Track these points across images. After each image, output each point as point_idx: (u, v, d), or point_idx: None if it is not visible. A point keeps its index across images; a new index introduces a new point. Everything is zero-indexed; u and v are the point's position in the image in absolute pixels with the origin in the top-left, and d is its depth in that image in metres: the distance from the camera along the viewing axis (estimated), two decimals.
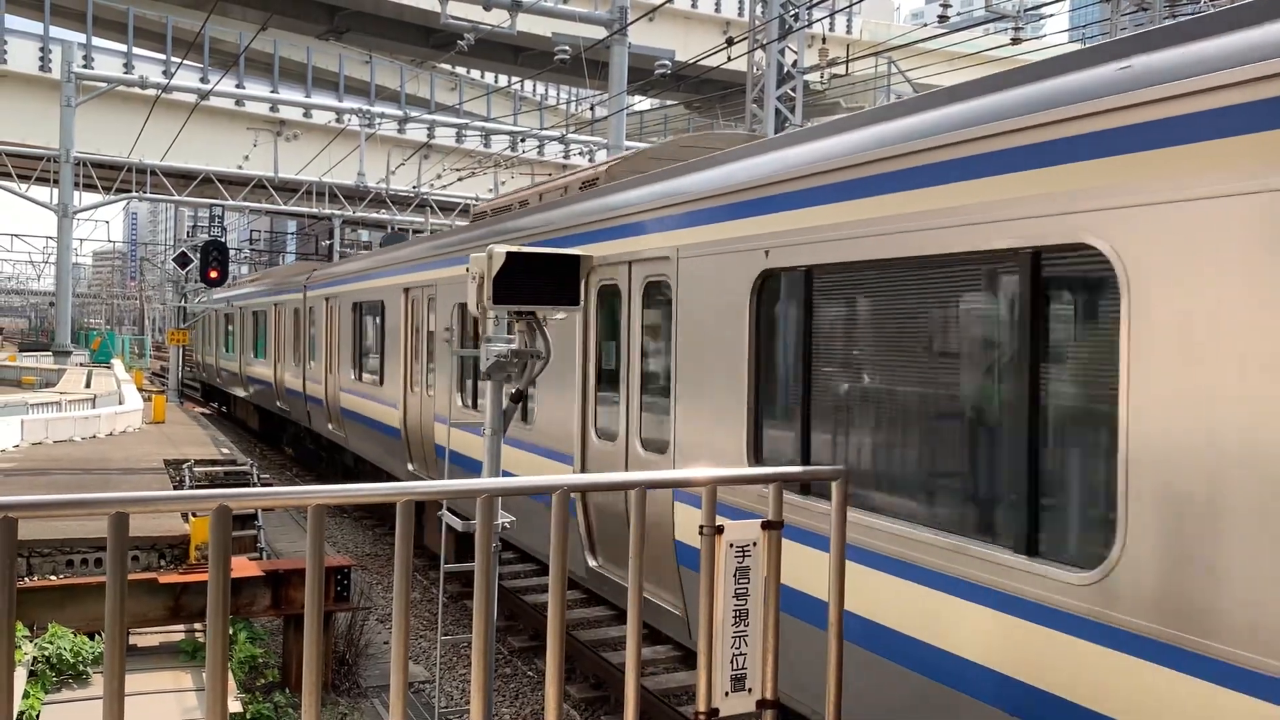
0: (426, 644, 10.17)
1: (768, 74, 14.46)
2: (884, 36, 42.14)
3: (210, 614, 2.90)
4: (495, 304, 4.93)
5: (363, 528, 16.23)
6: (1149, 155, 3.78)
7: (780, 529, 3.84)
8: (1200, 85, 3.60)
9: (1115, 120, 3.90)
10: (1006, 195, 4.33)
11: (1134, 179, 3.82)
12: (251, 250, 61.73)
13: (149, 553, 8.96)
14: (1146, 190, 3.77)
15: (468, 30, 17.36)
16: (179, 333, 33.85)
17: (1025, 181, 4.27)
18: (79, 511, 2.98)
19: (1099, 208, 3.94)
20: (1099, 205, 3.94)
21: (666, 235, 7.02)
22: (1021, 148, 4.29)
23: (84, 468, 13.34)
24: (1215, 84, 3.55)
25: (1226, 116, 3.51)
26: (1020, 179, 4.29)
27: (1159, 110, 3.75)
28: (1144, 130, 3.80)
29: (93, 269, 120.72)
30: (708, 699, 3.69)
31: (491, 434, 5.28)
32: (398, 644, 3.12)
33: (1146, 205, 3.78)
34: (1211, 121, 3.56)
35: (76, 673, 7.76)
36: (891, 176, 4.93)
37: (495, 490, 3.74)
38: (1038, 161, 4.21)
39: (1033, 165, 4.24)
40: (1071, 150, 4.07)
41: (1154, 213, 3.75)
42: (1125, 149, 3.86)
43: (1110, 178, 3.91)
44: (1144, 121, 3.80)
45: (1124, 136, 3.87)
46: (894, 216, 4.88)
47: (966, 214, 4.50)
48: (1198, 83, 3.61)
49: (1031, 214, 4.21)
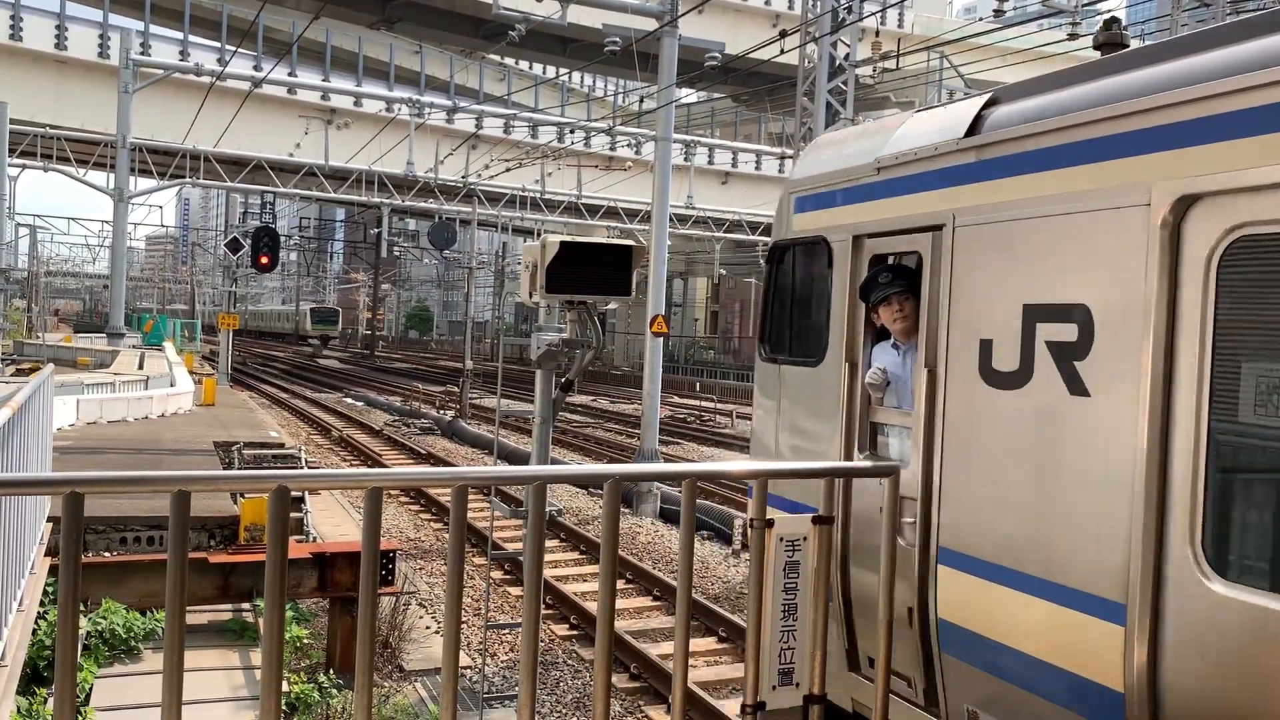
0: (468, 629, 10.25)
1: (819, 67, 14.36)
2: (936, 30, 41.65)
3: (268, 593, 2.93)
4: (548, 293, 4.95)
5: (408, 511, 16.39)
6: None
7: (830, 524, 3.83)
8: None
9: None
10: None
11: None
12: (301, 236, 62.44)
13: (199, 532, 9.11)
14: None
15: (519, 21, 17.42)
16: (229, 317, 34.33)
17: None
18: (143, 489, 3.03)
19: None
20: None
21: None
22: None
23: (137, 448, 13.60)
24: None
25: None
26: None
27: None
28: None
29: (145, 253, 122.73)
30: (754, 692, 3.68)
31: (541, 422, 5.30)
32: (449, 626, 3.14)
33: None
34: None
35: (129, 648, 7.91)
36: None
37: (547, 477, 3.76)
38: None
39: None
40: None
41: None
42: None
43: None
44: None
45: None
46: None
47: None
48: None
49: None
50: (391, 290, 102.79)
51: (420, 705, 8.25)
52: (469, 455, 23.33)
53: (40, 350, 34.28)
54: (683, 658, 3.50)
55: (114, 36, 32.03)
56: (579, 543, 14.29)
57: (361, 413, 32.00)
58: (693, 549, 3.63)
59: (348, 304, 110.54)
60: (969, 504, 4.11)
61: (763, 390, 5.38)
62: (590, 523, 15.34)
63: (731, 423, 31.52)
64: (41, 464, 7.58)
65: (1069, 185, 3.85)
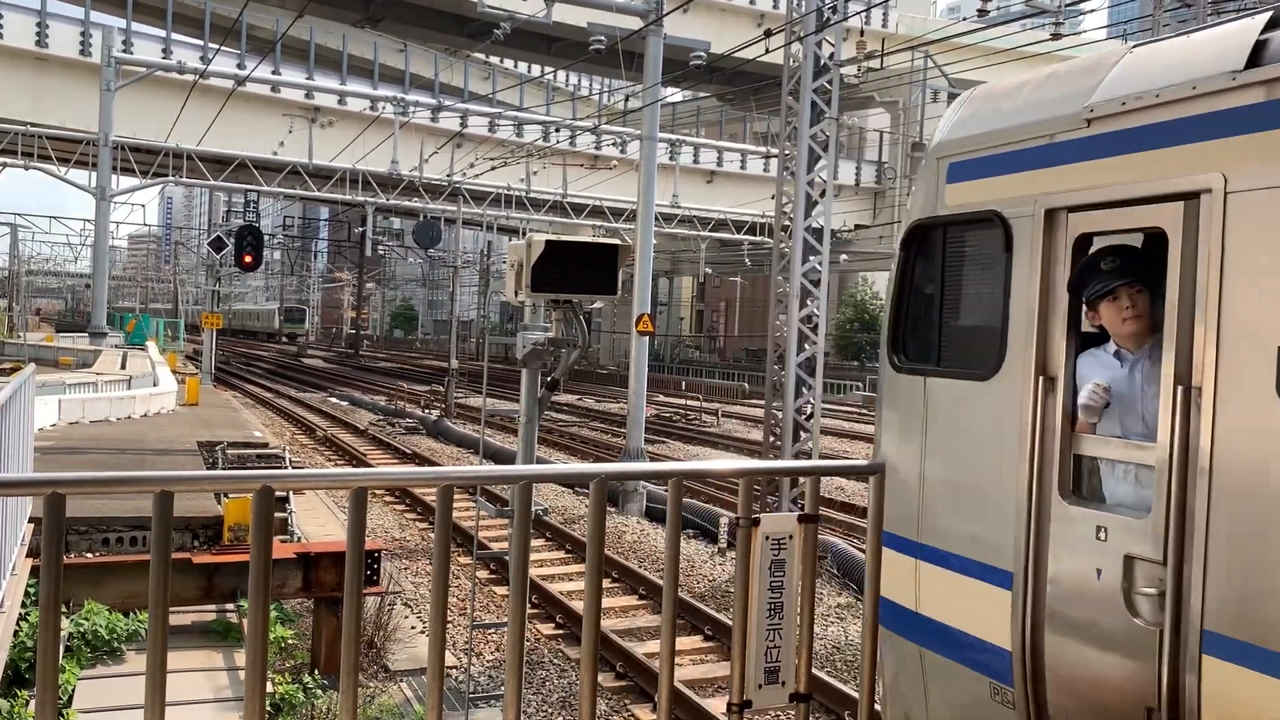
0: (454, 629, 10.23)
1: (804, 66, 14.38)
2: (920, 30, 41.79)
3: (252, 595, 2.92)
4: (533, 292, 4.94)
5: (393, 511, 16.34)
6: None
7: (816, 522, 3.84)
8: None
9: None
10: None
11: None
12: (285, 235, 62.21)
13: (182, 533, 9.04)
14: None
15: (504, 19, 17.37)
16: (213, 316, 34.17)
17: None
18: (125, 489, 3.01)
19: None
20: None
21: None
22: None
23: (119, 448, 13.51)
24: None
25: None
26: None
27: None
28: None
29: (128, 252, 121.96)
30: (740, 691, 3.69)
31: (526, 422, 5.29)
32: (434, 626, 3.14)
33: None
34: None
35: (111, 649, 7.86)
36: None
37: (532, 476, 3.76)
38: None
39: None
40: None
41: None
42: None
43: None
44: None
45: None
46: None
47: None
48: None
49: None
50: (376, 289, 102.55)
51: (406, 705, 8.23)
52: (455, 455, 23.27)
53: (21, 350, 34.05)
54: (669, 656, 3.51)
55: (95, 34, 31.79)
56: (565, 542, 14.28)
57: (346, 412, 31.89)
58: (679, 547, 3.64)
59: (332, 303, 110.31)
60: (1253, 573, 3.02)
61: (896, 411, 4.28)
62: (576, 522, 15.32)
63: (718, 421, 31.54)
64: (23, 465, 7.52)
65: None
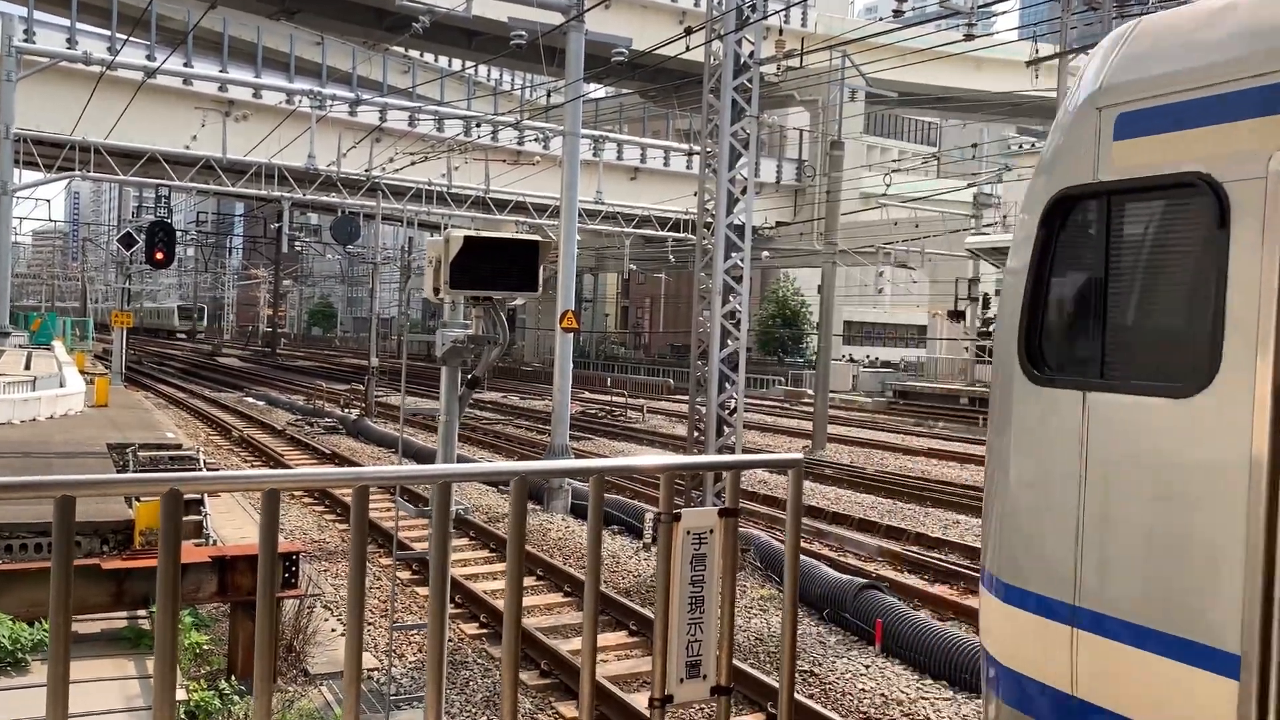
0: (374, 630, 10.09)
1: (725, 64, 14.47)
2: (838, 30, 42.39)
3: (160, 600, 2.84)
4: (452, 289, 4.89)
5: (312, 513, 16.07)
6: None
7: (736, 516, 3.86)
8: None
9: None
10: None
11: None
12: (199, 232, 60.71)
13: (91, 538, 8.77)
14: None
15: (422, 13, 17.17)
16: (123, 314, 33.21)
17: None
18: (22, 494, 2.90)
19: None
20: None
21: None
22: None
23: (23, 451, 13.05)
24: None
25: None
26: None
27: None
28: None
29: (33, 249, 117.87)
30: (663, 685, 3.69)
31: (446, 420, 5.24)
32: (352, 629, 3.09)
33: None
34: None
35: (15, 660, 7.60)
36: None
37: (451, 475, 3.72)
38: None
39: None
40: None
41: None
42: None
43: None
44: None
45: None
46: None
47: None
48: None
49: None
50: (293, 286, 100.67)
51: (326, 710, 8.10)
52: (375, 454, 22.97)
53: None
54: (590, 652, 3.50)
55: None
56: (489, 541, 14.18)
57: (263, 412, 31.25)
58: (600, 543, 3.62)
59: (248, 301, 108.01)
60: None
61: (1031, 435, 3.29)
62: (500, 520, 15.23)
63: (643, 417, 31.64)
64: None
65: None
